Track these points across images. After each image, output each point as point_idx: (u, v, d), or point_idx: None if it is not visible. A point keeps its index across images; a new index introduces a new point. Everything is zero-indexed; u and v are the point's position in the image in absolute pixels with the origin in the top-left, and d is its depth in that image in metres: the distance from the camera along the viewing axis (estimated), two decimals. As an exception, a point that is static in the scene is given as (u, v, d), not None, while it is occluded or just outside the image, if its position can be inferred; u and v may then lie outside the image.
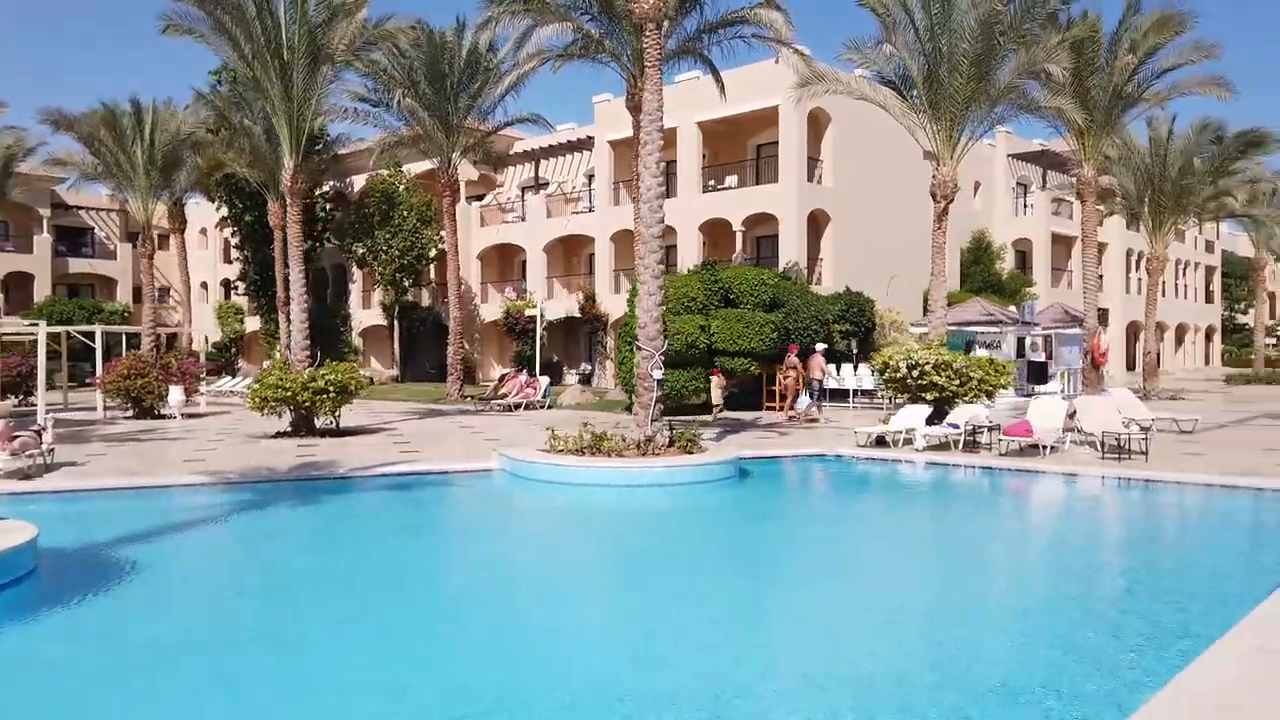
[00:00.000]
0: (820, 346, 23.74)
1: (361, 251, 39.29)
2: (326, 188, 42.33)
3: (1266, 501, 11.60)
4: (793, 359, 22.43)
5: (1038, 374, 28.37)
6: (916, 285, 31.11)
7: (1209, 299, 57.21)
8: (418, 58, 28.38)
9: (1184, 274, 52.85)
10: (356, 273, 43.41)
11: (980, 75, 19.48)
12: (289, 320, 25.17)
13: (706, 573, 8.90)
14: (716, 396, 22.38)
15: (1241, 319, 62.64)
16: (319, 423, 18.66)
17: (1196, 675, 4.19)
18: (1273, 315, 61.90)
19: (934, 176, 20.47)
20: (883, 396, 22.00)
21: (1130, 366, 44.59)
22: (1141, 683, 5.22)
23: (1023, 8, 19.51)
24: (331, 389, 17.83)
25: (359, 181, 41.43)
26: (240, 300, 47.35)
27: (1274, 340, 51.99)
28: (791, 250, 30.54)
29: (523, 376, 27.05)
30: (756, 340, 23.22)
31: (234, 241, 42.66)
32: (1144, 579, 8.64)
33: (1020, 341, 28.85)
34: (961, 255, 39.28)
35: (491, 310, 39.23)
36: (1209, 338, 57.20)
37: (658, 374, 14.24)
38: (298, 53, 19.32)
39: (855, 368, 25.79)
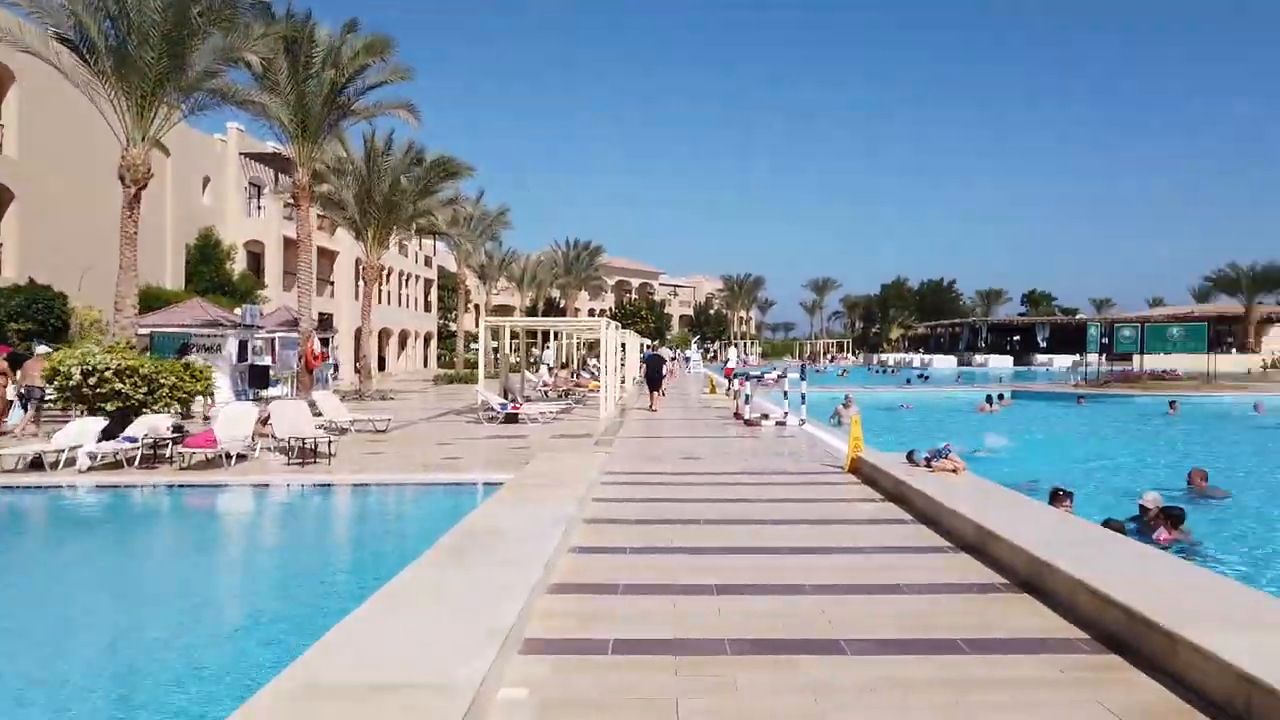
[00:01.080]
0: (41, 349, 19.17)
1: None
2: None
3: (415, 496, 12.19)
4: (2, 364, 17.73)
5: (260, 378, 27.64)
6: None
7: (428, 308, 64.36)
8: None
9: (408, 285, 58.35)
10: None
11: (175, 53, 17.79)
12: None
13: None
14: None
15: (454, 326, 72.05)
16: None
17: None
18: (476, 323, 72.51)
19: (123, 158, 18.09)
20: (51, 406, 18.52)
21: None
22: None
23: (224, -11, 18.46)
24: None
25: None
26: None
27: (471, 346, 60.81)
28: (-48, 229, 24.42)
29: None
30: (-124, 341, 17.65)
31: None
32: (267, 602, 8.15)
33: (243, 345, 27.74)
34: (188, 253, 36.69)
35: None
36: (428, 342, 64.37)
37: None
38: None
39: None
